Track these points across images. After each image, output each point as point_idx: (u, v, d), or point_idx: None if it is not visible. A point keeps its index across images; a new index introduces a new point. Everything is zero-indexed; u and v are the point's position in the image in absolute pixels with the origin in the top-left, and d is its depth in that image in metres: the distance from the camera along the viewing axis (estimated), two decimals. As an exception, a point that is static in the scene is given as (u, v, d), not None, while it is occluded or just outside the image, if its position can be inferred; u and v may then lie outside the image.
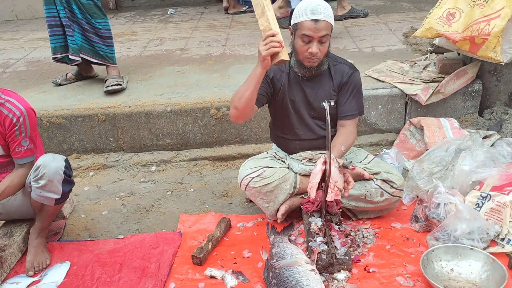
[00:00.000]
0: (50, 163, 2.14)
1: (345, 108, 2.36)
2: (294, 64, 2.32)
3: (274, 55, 2.01)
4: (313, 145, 2.42)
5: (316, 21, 2.12)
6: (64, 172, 2.19)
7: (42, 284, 2.14)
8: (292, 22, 2.23)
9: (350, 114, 2.36)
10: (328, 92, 2.35)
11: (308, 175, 2.36)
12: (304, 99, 2.36)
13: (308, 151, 2.42)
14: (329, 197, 2.05)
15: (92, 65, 3.59)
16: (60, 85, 3.56)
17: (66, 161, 2.24)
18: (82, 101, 3.26)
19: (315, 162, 2.36)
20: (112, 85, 3.29)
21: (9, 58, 4.44)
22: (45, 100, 3.33)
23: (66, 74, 3.62)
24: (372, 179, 2.27)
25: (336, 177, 2.06)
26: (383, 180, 2.30)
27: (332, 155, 2.06)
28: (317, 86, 2.35)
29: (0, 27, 5.86)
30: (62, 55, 3.34)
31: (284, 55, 1.99)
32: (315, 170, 2.11)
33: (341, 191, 2.07)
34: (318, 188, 2.12)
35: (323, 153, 2.35)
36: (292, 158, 2.47)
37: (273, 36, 1.98)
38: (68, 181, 2.24)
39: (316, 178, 2.09)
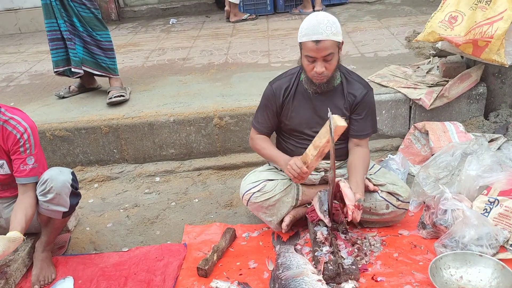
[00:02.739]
0: (58, 177, 2.14)
1: (359, 127, 2.30)
2: (304, 81, 2.25)
3: None
4: None
5: (317, 41, 2.04)
6: (71, 185, 2.18)
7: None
8: (298, 40, 2.15)
9: (364, 133, 2.31)
10: (340, 109, 2.26)
11: (312, 185, 2.34)
12: (313, 114, 2.29)
13: None
14: (355, 218, 2.02)
15: (95, 77, 3.60)
16: (63, 97, 3.58)
17: (73, 173, 2.23)
18: (85, 113, 3.26)
19: (320, 171, 2.35)
20: (114, 97, 3.30)
21: (13, 71, 4.47)
22: (49, 113, 3.33)
23: (69, 86, 3.63)
24: (377, 191, 2.24)
25: (350, 195, 2.01)
26: (389, 193, 2.25)
27: (343, 179, 2.07)
28: (327, 101, 2.25)
29: (4, 41, 5.91)
30: (63, 68, 3.35)
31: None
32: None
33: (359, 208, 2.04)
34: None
35: (328, 163, 2.33)
36: None
37: (304, 173, 2.10)
38: (75, 193, 2.23)
39: (324, 207, 2.13)
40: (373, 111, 2.35)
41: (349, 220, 2.04)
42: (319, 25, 2.04)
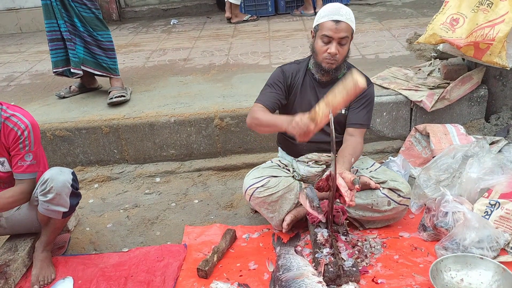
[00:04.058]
0: (58, 177, 2.13)
1: (354, 117, 2.34)
2: (312, 67, 2.34)
3: None
4: (319, 147, 2.41)
5: (337, 21, 2.16)
6: (72, 185, 2.18)
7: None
8: (314, 24, 2.26)
9: (359, 123, 2.34)
10: None
11: (313, 183, 2.34)
12: (316, 103, 2.34)
13: (314, 153, 2.42)
14: (353, 201, 2.01)
15: (96, 77, 3.60)
16: (63, 97, 3.57)
17: (73, 173, 2.23)
18: (86, 114, 3.26)
19: (321, 164, 2.36)
20: (115, 97, 3.30)
21: (14, 71, 4.47)
22: (49, 113, 3.33)
23: (70, 86, 3.63)
24: (379, 188, 2.24)
25: (342, 182, 2.01)
26: (390, 189, 2.27)
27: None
28: None
29: (4, 41, 5.91)
30: (63, 69, 3.35)
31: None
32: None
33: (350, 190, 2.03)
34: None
35: (329, 156, 2.34)
36: (298, 161, 2.46)
37: (311, 131, 1.97)
38: (75, 193, 2.23)
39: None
40: (371, 106, 2.38)
41: (346, 206, 2.04)
42: (340, 8, 2.19)
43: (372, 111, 2.41)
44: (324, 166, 2.42)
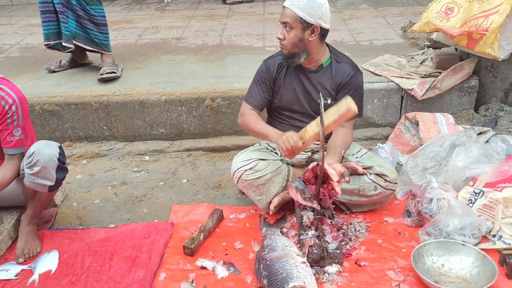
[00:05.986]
0: (44, 150, 2.12)
1: None
2: None
3: None
4: None
5: (283, 7, 2.22)
6: (58, 159, 2.16)
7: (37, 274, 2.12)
8: None
9: None
10: (327, 89, 2.33)
11: (301, 166, 2.36)
12: (302, 91, 2.36)
13: None
14: (338, 190, 2.05)
15: (87, 52, 3.55)
16: (53, 72, 3.53)
17: (60, 147, 2.21)
18: (76, 89, 3.22)
19: (307, 151, 2.38)
20: (106, 73, 3.26)
21: (3, 43, 4.39)
22: (39, 87, 3.29)
23: (60, 61, 3.58)
24: (366, 174, 2.27)
25: (333, 172, 2.05)
26: (377, 174, 2.29)
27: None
28: (315, 81, 2.34)
29: (-6, 12, 5.80)
30: (54, 42, 3.30)
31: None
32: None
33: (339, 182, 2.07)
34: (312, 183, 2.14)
35: (316, 144, 2.35)
36: None
37: (298, 148, 2.08)
38: (62, 168, 2.21)
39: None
40: (360, 95, 2.37)
41: (337, 195, 2.09)
42: None
43: (362, 99, 2.41)
44: (310, 153, 2.43)
